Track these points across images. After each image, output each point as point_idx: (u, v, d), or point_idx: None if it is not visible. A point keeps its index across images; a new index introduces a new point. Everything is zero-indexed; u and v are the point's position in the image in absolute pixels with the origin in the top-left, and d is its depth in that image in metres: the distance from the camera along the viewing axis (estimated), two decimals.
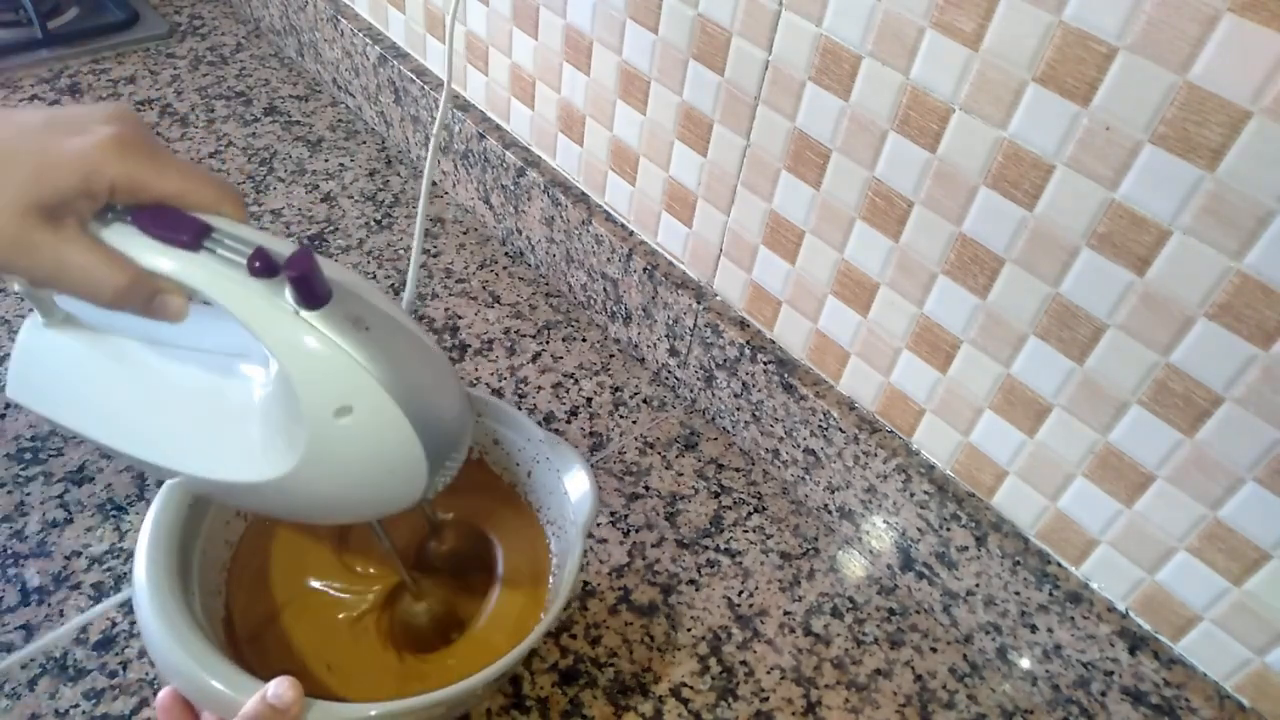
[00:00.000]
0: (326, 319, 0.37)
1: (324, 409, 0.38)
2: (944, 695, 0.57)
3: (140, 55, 0.99)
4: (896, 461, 0.58)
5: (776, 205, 0.59)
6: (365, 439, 0.39)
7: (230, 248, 0.38)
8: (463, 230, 0.85)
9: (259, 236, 0.39)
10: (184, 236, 0.37)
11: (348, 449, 0.39)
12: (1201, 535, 0.46)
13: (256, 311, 0.37)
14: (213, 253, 0.38)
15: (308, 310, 0.37)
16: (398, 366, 0.39)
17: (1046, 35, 0.42)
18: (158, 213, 0.38)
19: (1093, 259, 0.45)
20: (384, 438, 0.39)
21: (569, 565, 0.47)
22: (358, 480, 0.41)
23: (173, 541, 0.44)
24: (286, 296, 0.37)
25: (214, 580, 0.48)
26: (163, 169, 0.37)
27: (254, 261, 0.37)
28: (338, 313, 0.38)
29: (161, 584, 0.42)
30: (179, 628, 0.41)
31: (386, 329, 0.39)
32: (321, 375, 0.38)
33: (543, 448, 0.53)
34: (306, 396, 0.38)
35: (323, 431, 0.39)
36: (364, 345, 0.38)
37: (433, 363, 0.42)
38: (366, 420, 0.38)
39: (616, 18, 0.62)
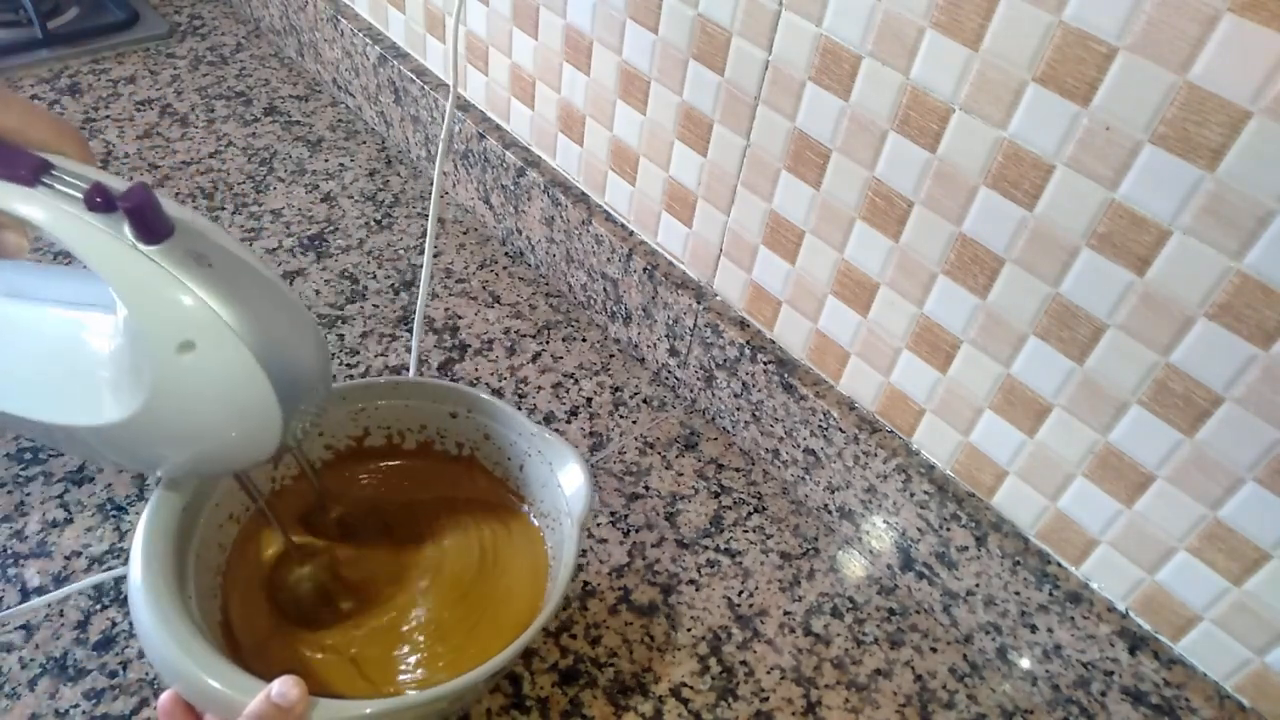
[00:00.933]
0: (166, 254, 0.37)
1: (166, 345, 0.38)
2: (944, 695, 0.57)
3: (140, 55, 0.99)
4: (896, 461, 0.58)
5: (776, 205, 0.59)
6: (210, 376, 0.39)
7: (69, 184, 0.38)
8: (463, 230, 0.85)
9: (99, 175, 0.39)
10: (21, 171, 0.37)
11: (193, 386, 0.39)
12: (1201, 535, 0.46)
13: (94, 246, 0.37)
14: (51, 188, 0.37)
15: (147, 245, 0.37)
16: (242, 303, 0.38)
17: (1046, 35, 0.42)
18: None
19: (1093, 259, 0.45)
20: (230, 375, 0.39)
21: (565, 559, 0.47)
22: (207, 420, 0.40)
23: (168, 546, 0.44)
24: (126, 231, 0.37)
25: (210, 584, 0.48)
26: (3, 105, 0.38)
27: (92, 196, 0.37)
28: (178, 248, 0.38)
29: (158, 588, 0.42)
30: (178, 630, 0.41)
31: (231, 266, 0.39)
32: (161, 309, 0.37)
33: (535, 442, 0.53)
34: (147, 332, 0.38)
35: (166, 369, 0.38)
36: (205, 280, 0.38)
37: (283, 304, 0.41)
38: (210, 356, 0.38)
39: (616, 18, 0.62)
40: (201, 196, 0.83)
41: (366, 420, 0.55)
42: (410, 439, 0.57)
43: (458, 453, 0.57)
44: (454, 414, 0.55)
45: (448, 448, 0.57)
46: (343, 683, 0.47)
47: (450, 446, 0.57)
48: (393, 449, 0.57)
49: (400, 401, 0.55)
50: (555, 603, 0.45)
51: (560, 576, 0.46)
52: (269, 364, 0.39)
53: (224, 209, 0.82)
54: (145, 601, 0.42)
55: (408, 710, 0.41)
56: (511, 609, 0.51)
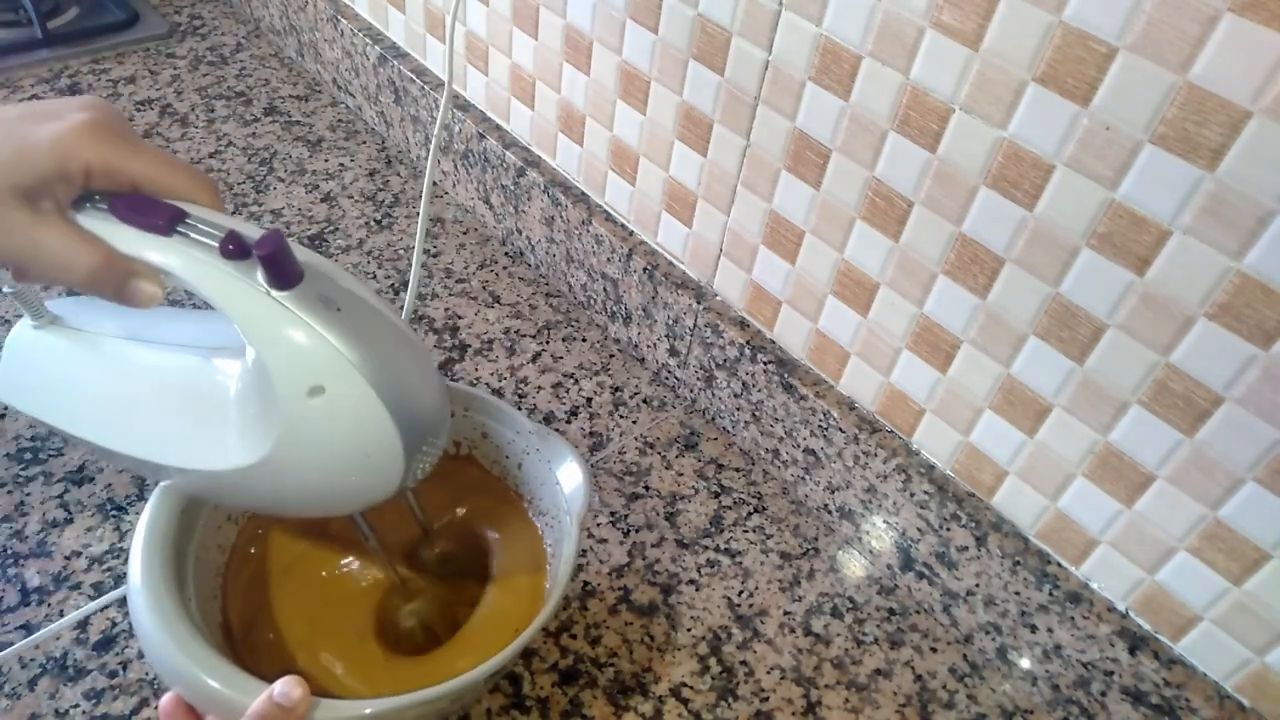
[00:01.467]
0: (298, 299, 0.38)
1: (297, 389, 0.38)
2: (944, 695, 0.57)
3: (140, 55, 0.99)
4: (896, 461, 0.58)
5: (776, 205, 0.59)
6: (339, 419, 0.39)
7: (203, 232, 0.38)
8: (463, 230, 0.85)
9: (231, 222, 0.39)
10: (158, 221, 0.38)
11: (322, 430, 0.39)
12: (1201, 535, 0.46)
13: (229, 293, 0.38)
14: (186, 237, 0.38)
15: (279, 290, 0.38)
16: (369, 347, 0.39)
17: (1046, 35, 0.42)
18: (133, 199, 0.38)
19: (1093, 259, 0.45)
20: (358, 418, 0.39)
21: (564, 556, 0.47)
22: (334, 463, 0.41)
23: (167, 547, 0.44)
24: (258, 278, 0.38)
25: (210, 585, 0.48)
26: (137, 155, 0.38)
27: (226, 244, 0.37)
28: (309, 293, 0.38)
29: (158, 589, 0.42)
30: (178, 631, 0.41)
31: (358, 310, 0.40)
32: (293, 355, 0.38)
33: (533, 439, 0.53)
34: (279, 377, 0.38)
35: (296, 413, 0.39)
36: (335, 325, 0.38)
37: (406, 345, 0.42)
38: (339, 400, 0.39)
39: (616, 18, 0.62)
40: None
41: None
42: None
43: (455, 451, 0.57)
44: (451, 413, 0.55)
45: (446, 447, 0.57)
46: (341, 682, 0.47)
47: (448, 445, 0.57)
48: None
49: None
50: (555, 601, 0.45)
51: (560, 574, 0.46)
52: (394, 407, 0.39)
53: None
54: (145, 603, 0.42)
55: (408, 709, 0.41)
56: (511, 607, 0.51)
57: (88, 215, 0.38)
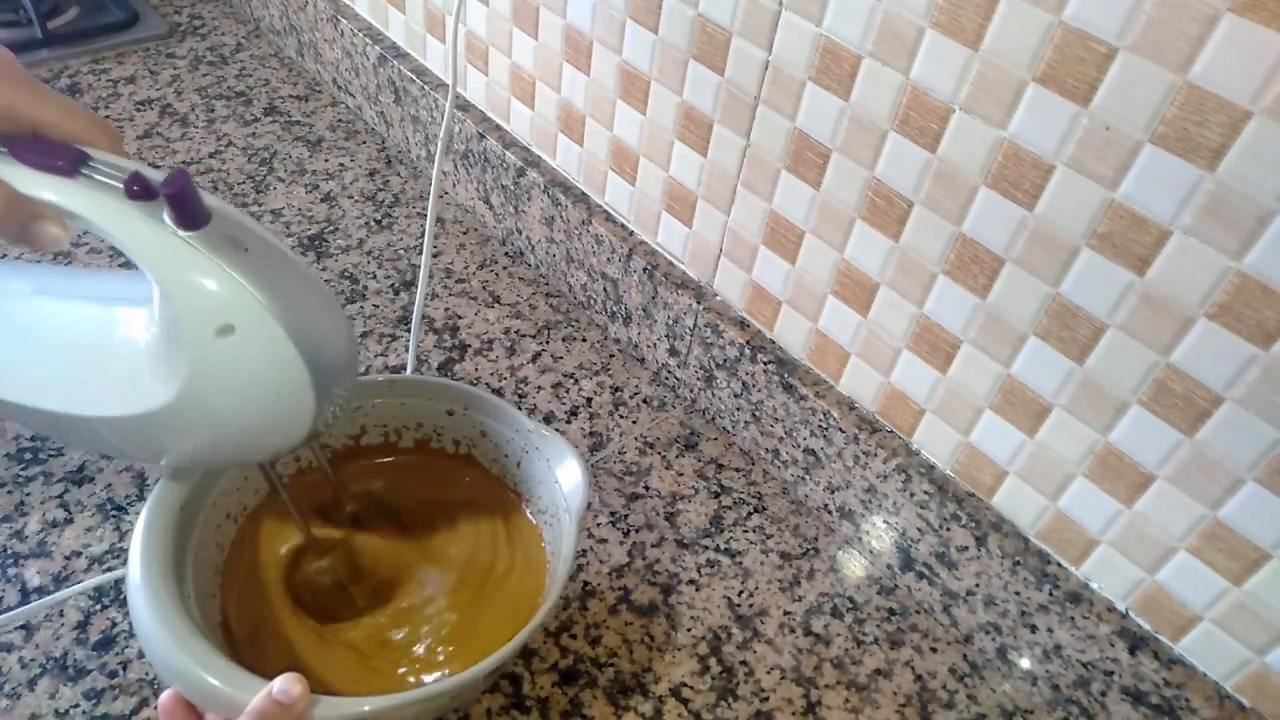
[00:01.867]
0: (205, 239, 0.38)
1: (205, 329, 0.38)
2: (944, 695, 0.57)
3: (140, 55, 0.99)
4: (896, 461, 0.58)
5: (776, 205, 0.59)
6: (249, 358, 0.39)
7: (107, 173, 0.38)
8: (463, 230, 0.85)
9: (135, 165, 0.39)
10: (60, 162, 0.38)
11: (231, 369, 0.39)
12: (1201, 535, 0.46)
13: (135, 233, 0.37)
14: (89, 178, 0.38)
15: (186, 231, 0.37)
16: (278, 287, 0.39)
17: (1046, 35, 0.42)
18: (33, 142, 0.38)
19: (1093, 259, 0.45)
20: (268, 357, 0.39)
21: (563, 554, 0.47)
22: (244, 404, 0.40)
23: (166, 546, 0.44)
24: (165, 218, 0.37)
25: (209, 584, 0.48)
26: (39, 98, 0.38)
27: (131, 185, 0.37)
28: (216, 233, 0.38)
29: (157, 587, 0.42)
30: (177, 629, 0.41)
31: (265, 251, 0.40)
32: (201, 294, 0.38)
33: (532, 438, 0.53)
34: (187, 316, 0.38)
35: (205, 353, 0.39)
36: (243, 264, 0.38)
37: (314, 288, 0.42)
38: (249, 339, 0.38)
39: (616, 18, 0.62)
40: None
41: (363, 419, 0.55)
42: (407, 437, 0.57)
43: (454, 450, 0.57)
44: (450, 411, 0.55)
45: (444, 445, 0.57)
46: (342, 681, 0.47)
47: (447, 444, 0.57)
48: (390, 447, 0.57)
49: (396, 399, 0.55)
50: (554, 599, 0.45)
51: (559, 572, 0.46)
52: (304, 347, 0.39)
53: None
54: (144, 601, 0.42)
55: (408, 707, 0.41)
56: (510, 605, 0.51)
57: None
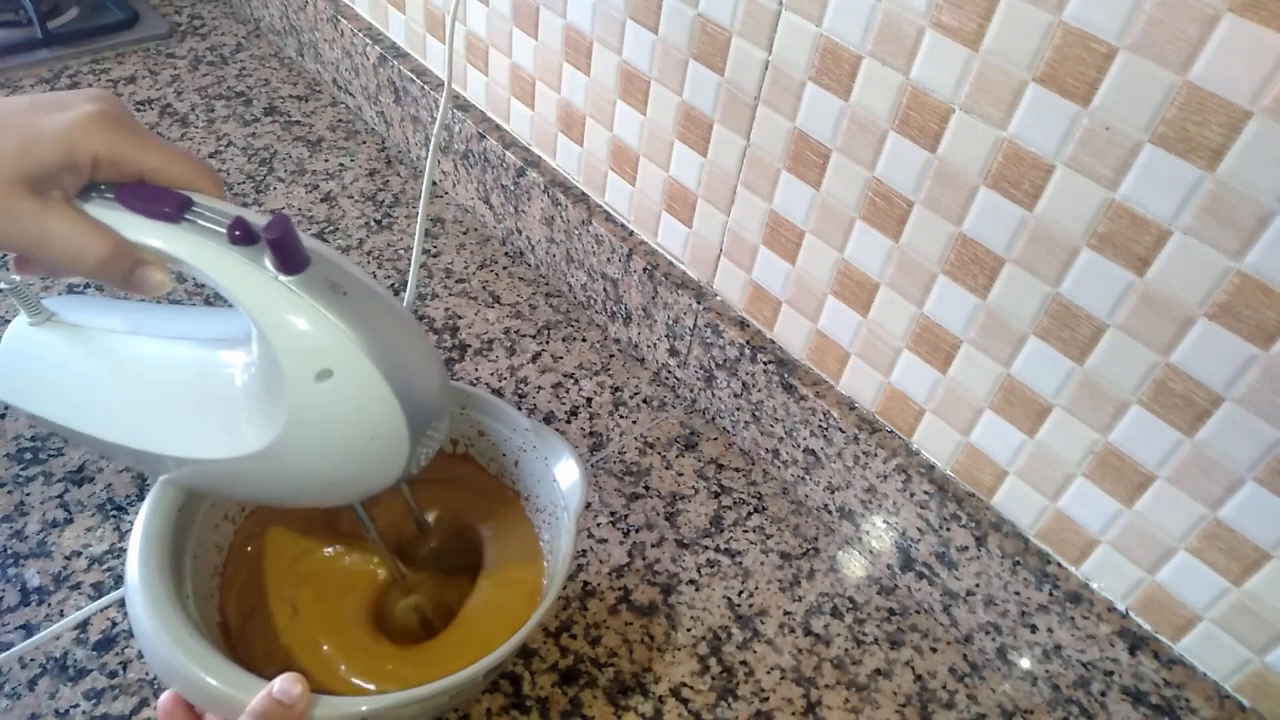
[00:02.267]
0: (305, 284, 0.38)
1: (305, 373, 0.38)
2: (944, 695, 0.57)
3: (140, 55, 0.99)
4: (896, 461, 0.58)
5: (776, 205, 0.59)
6: (346, 402, 0.39)
7: (210, 219, 0.39)
8: (463, 230, 0.85)
9: (238, 209, 0.39)
10: (165, 209, 0.38)
11: (329, 414, 0.40)
12: (1201, 535, 0.46)
13: (237, 278, 0.38)
14: (193, 224, 0.38)
15: (287, 275, 0.38)
16: (376, 331, 0.39)
17: (1046, 35, 0.42)
18: (139, 188, 0.39)
19: (1093, 259, 0.45)
20: (365, 401, 0.39)
21: (562, 552, 0.47)
22: (340, 448, 0.41)
23: (164, 547, 0.44)
24: (266, 263, 0.38)
25: (208, 585, 0.48)
26: (144, 145, 0.39)
27: (234, 230, 0.38)
28: (316, 278, 0.39)
29: (156, 586, 0.42)
30: (176, 629, 0.41)
31: (363, 295, 0.40)
32: (302, 338, 0.38)
33: (529, 436, 0.53)
34: (287, 360, 0.38)
35: (305, 397, 0.39)
36: (343, 309, 0.38)
37: (410, 331, 0.42)
38: (347, 383, 0.39)
39: (616, 18, 0.62)
40: None
41: None
42: None
43: (452, 450, 0.57)
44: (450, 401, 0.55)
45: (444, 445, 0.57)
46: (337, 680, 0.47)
47: (445, 444, 0.57)
48: None
49: None
50: (552, 597, 0.45)
51: (557, 570, 0.46)
52: (400, 391, 0.40)
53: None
54: (143, 601, 0.42)
55: (408, 705, 0.41)
56: (508, 604, 0.51)
57: (94, 205, 0.38)
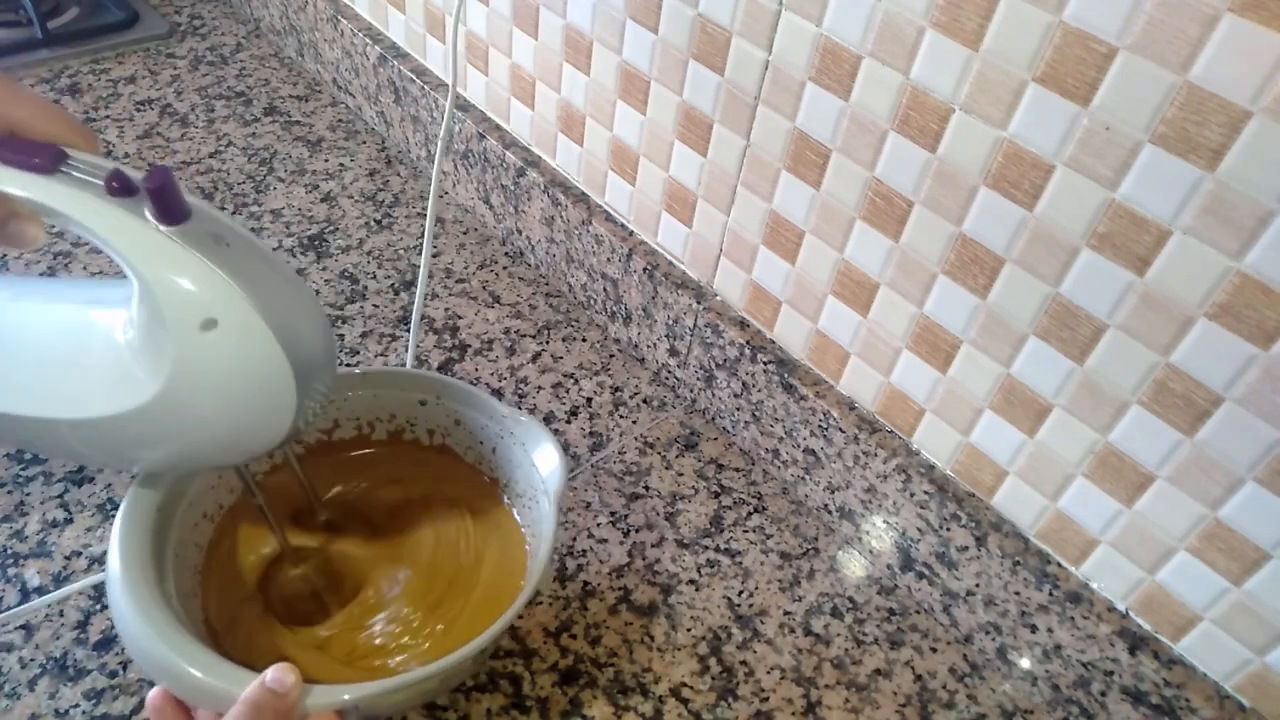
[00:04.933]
0: (187, 234, 0.38)
1: (189, 322, 0.38)
2: (944, 695, 0.57)
3: (140, 55, 0.99)
4: (896, 461, 0.58)
5: (776, 205, 0.59)
6: (232, 352, 0.39)
7: (87, 171, 0.38)
8: (463, 230, 0.85)
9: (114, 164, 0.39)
10: (38, 160, 0.37)
11: (215, 364, 0.39)
12: (1201, 535, 0.46)
13: (117, 229, 0.37)
14: (69, 175, 0.38)
15: (168, 226, 0.37)
16: (260, 282, 0.39)
17: (1046, 35, 0.42)
18: (10, 140, 0.38)
19: (1093, 259, 0.45)
20: (251, 351, 0.39)
21: (544, 535, 0.47)
22: (227, 400, 0.40)
23: (144, 547, 0.44)
24: (146, 214, 0.37)
25: (190, 583, 0.47)
26: (14, 97, 0.38)
27: (111, 181, 0.37)
28: (198, 228, 0.38)
29: (138, 584, 0.42)
30: (162, 626, 0.41)
31: (246, 248, 0.40)
32: (185, 288, 0.38)
33: (506, 424, 0.53)
34: (171, 311, 0.38)
35: (189, 348, 0.39)
36: (226, 259, 0.38)
37: (294, 285, 0.42)
38: (232, 332, 0.38)
39: (616, 18, 0.62)
40: (201, 196, 0.83)
41: (335, 413, 0.55)
42: (380, 429, 0.56)
43: (429, 440, 0.56)
44: (423, 401, 0.55)
45: (418, 436, 0.57)
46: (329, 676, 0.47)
47: (421, 434, 0.57)
48: (363, 440, 0.56)
49: (369, 392, 0.55)
50: (536, 580, 0.45)
51: (540, 553, 0.46)
52: (286, 342, 0.39)
53: (224, 209, 0.82)
54: (126, 598, 0.41)
55: (397, 691, 0.41)
56: (492, 591, 0.51)
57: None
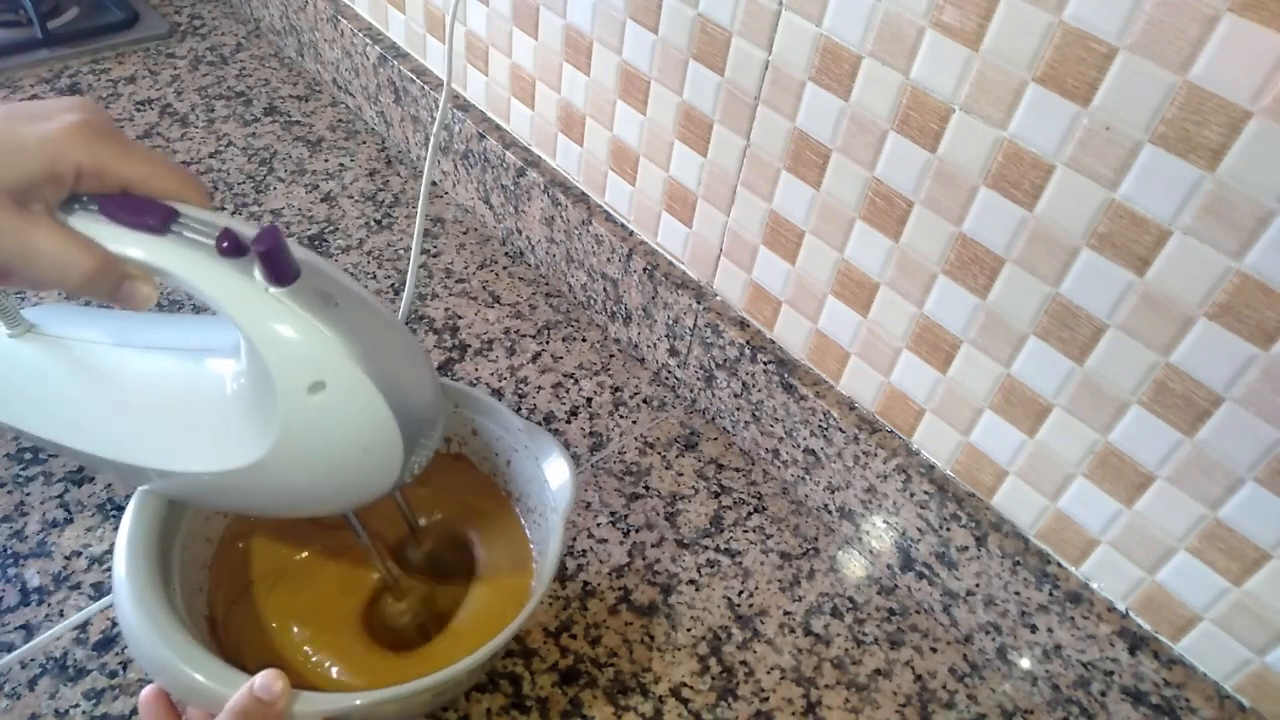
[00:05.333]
0: (296, 295, 0.38)
1: (297, 385, 0.38)
2: (944, 695, 0.57)
3: (140, 55, 0.99)
4: (896, 461, 0.58)
5: (776, 205, 0.59)
6: (339, 415, 0.39)
7: (198, 230, 0.38)
8: (463, 230, 0.85)
9: (225, 220, 0.39)
10: (151, 220, 0.38)
11: (322, 426, 0.39)
12: (1201, 535, 0.46)
13: (226, 290, 0.37)
14: (180, 235, 0.38)
15: (277, 287, 0.37)
16: (368, 341, 0.39)
17: (1046, 35, 0.42)
18: (124, 200, 0.38)
19: (1093, 259, 0.45)
20: (358, 413, 0.39)
21: (550, 553, 0.47)
22: (334, 460, 0.40)
23: (152, 539, 0.44)
24: (256, 275, 0.37)
25: (196, 578, 0.48)
26: (127, 155, 0.38)
27: (222, 241, 0.37)
28: (307, 289, 0.38)
29: (142, 581, 0.42)
30: (160, 623, 0.41)
31: (355, 305, 0.40)
32: (294, 350, 0.38)
33: (521, 436, 0.53)
34: (279, 373, 0.38)
35: (297, 410, 0.39)
36: (334, 320, 0.38)
37: (403, 340, 0.42)
38: (340, 395, 0.39)
39: (616, 18, 0.62)
40: None
41: None
42: None
43: (446, 449, 0.56)
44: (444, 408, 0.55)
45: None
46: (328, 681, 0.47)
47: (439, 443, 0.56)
48: None
49: None
50: (538, 599, 0.45)
51: (545, 572, 0.46)
52: (393, 401, 0.39)
53: (224, 209, 0.82)
54: (129, 595, 0.41)
55: (389, 703, 0.41)
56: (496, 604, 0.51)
57: (78, 217, 0.37)
